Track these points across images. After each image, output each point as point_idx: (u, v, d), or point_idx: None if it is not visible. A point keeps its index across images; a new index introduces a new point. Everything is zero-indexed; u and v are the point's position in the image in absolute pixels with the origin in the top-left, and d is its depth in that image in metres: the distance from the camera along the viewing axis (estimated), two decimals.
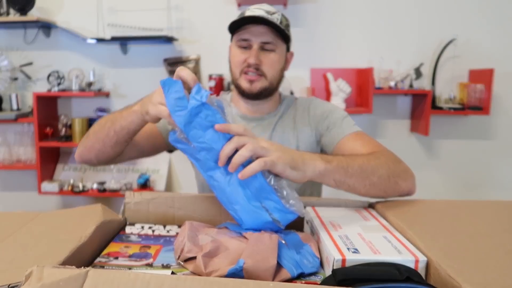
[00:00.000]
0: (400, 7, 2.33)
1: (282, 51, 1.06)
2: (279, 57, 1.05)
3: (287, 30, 1.04)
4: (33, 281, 0.33)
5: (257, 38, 1.01)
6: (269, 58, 1.03)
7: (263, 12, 1.00)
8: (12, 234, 0.61)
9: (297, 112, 1.11)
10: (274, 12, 1.03)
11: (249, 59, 1.01)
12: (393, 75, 2.31)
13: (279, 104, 1.13)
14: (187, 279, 0.35)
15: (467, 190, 2.44)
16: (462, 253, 0.54)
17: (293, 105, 1.13)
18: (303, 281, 0.55)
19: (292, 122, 1.10)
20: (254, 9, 1.02)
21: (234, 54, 1.05)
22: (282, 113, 1.11)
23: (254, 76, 1.02)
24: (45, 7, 2.40)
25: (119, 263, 0.58)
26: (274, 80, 1.05)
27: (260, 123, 1.09)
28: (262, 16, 0.98)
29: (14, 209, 2.53)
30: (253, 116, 1.10)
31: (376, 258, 0.53)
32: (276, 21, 1.00)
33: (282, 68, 1.08)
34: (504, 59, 2.32)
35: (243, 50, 1.03)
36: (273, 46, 1.02)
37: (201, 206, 0.79)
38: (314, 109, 1.10)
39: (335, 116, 1.06)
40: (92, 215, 0.67)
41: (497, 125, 2.40)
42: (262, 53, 1.02)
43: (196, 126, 0.64)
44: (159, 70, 2.43)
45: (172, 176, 2.54)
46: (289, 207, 0.64)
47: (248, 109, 1.10)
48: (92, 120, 2.41)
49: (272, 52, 1.03)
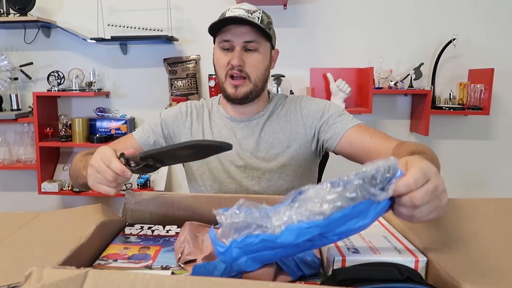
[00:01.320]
0: (400, 7, 2.33)
1: (265, 49, 1.05)
2: (263, 57, 1.04)
3: (268, 28, 1.02)
4: (33, 281, 0.33)
5: (239, 39, 1.00)
6: (253, 58, 1.02)
7: (242, 11, 0.99)
8: (12, 234, 0.61)
9: (288, 111, 1.11)
10: (254, 10, 1.01)
11: (232, 61, 1.00)
12: (393, 75, 2.31)
13: (267, 103, 1.13)
14: (187, 279, 0.35)
15: (467, 190, 2.44)
16: (462, 253, 0.54)
17: (283, 104, 1.13)
18: (303, 281, 0.55)
19: (283, 121, 1.10)
20: (234, 9, 1.01)
21: (218, 57, 1.04)
22: (271, 112, 1.11)
23: (238, 81, 1.02)
24: (45, 7, 2.40)
25: (118, 265, 0.58)
26: (258, 81, 1.04)
27: (248, 124, 1.10)
28: (242, 16, 0.97)
29: (14, 209, 2.53)
30: (241, 118, 1.10)
31: (376, 258, 0.53)
32: (256, 20, 0.99)
33: (266, 67, 1.07)
34: (504, 59, 2.31)
35: (226, 52, 1.02)
36: (256, 45, 1.01)
37: (201, 206, 0.79)
38: (306, 107, 1.10)
39: (332, 111, 1.06)
40: (92, 215, 0.67)
41: (497, 125, 2.40)
42: (245, 53, 1.01)
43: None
44: (159, 70, 2.43)
45: (172, 176, 2.54)
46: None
47: (235, 111, 1.10)
48: (92, 120, 2.41)
49: (255, 51, 1.02)
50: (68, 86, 2.40)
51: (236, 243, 0.49)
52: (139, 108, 2.47)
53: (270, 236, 0.48)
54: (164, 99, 2.44)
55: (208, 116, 1.14)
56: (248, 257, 0.50)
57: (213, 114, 1.14)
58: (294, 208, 0.50)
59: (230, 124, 1.11)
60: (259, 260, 0.51)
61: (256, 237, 0.49)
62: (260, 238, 0.48)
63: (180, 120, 1.13)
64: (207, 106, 1.16)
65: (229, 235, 0.50)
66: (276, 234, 0.48)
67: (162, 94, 2.45)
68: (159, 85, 2.44)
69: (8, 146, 2.44)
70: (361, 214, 0.49)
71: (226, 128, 1.10)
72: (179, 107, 1.15)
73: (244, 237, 0.49)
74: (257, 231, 0.49)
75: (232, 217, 0.50)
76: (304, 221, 0.48)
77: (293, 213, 0.49)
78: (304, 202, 0.49)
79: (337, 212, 0.47)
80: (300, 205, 0.49)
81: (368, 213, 0.49)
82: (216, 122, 1.13)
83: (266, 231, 0.49)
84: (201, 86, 2.44)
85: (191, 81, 2.40)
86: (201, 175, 1.10)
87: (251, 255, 0.50)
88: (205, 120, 1.13)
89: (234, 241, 0.49)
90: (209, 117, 1.14)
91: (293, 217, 0.49)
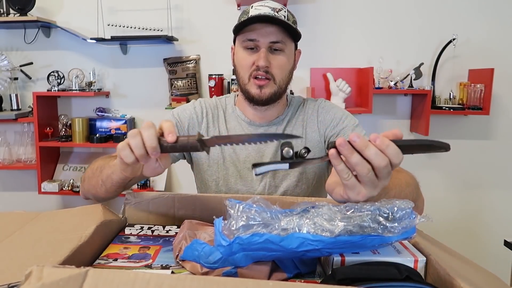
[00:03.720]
0: (400, 7, 2.33)
1: (291, 50, 1.00)
2: (288, 58, 0.99)
3: (294, 26, 0.97)
4: (33, 280, 0.33)
5: (265, 39, 0.94)
6: (279, 60, 0.97)
7: (268, 9, 0.94)
8: (12, 234, 0.61)
9: (305, 115, 1.07)
10: (280, 8, 0.96)
11: (258, 62, 0.94)
12: (393, 75, 2.31)
13: (287, 107, 1.08)
14: (186, 278, 0.35)
15: (467, 190, 2.44)
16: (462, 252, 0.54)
17: (302, 108, 1.09)
18: (302, 280, 0.55)
19: (301, 126, 1.06)
20: (259, 6, 0.96)
21: (241, 57, 0.98)
22: (290, 117, 1.07)
23: (263, 81, 0.96)
24: (45, 7, 2.40)
25: (118, 264, 0.58)
26: (282, 83, 1.00)
27: (268, 130, 1.06)
28: (269, 15, 0.93)
29: (14, 209, 2.53)
30: (260, 123, 1.06)
31: (376, 258, 0.53)
32: (283, 18, 0.94)
33: (291, 69, 1.02)
34: (504, 59, 2.31)
35: (250, 52, 0.97)
36: (282, 46, 0.96)
37: (201, 206, 0.79)
38: (323, 114, 1.06)
39: (346, 124, 1.03)
40: (92, 215, 0.67)
41: (497, 125, 2.40)
42: (270, 54, 0.96)
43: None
44: (159, 70, 2.43)
45: (172, 176, 2.54)
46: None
47: (256, 115, 1.05)
48: (92, 120, 2.41)
49: (281, 52, 0.97)
50: (68, 86, 2.40)
51: (240, 239, 0.49)
52: (139, 108, 2.47)
53: (275, 237, 0.49)
54: (164, 99, 2.44)
55: (223, 117, 1.09)
56: (244, 253, 0.51)
57: (228, 115, 1.09)
58: (304, 218, 0.51)
59: (249, 129, 1.06)
60: (254, 257, 0.52)
61: (261, 236, 0.49)
62: (264, 237, 0.49)
63: (196, 121, 1.07)
64: (221, 106, 1.10)
65: (235, 231, 0.50)
66: (281, 236, 0.49)
67: (162, 94, 2.45)
68: (159, 85, 2.44)
69: (8, 146, 2.44)
70: (366, 246, 0.51)
71: (243, 132, 1.05)
72: (193, 107, 1.09)
73: (249, 235, 0.49)
74: (263, 230, 0.50)
75: (243, 211, 0.51)
76: (311, 233, 0.49)
77: (302, 222, 0.50)
78: (316, 216, 0.51)
79: (345, 235, 0.49)
80: (311, 217, 0.51)
81: (376, 248, 0.52)
82: (232, 124, 1.08)
83: (272, 231, 0.50)
84: (201, 86, 2.44)
85: (191, 81, 2.40)
86: (216, 181, 1.05)
87: (248, 253, 0.51)
88: (221, 122, 1.08)
89: (239, 237, 0.50)
90: (224, 118, 1.08)
91: (302, 226, 0.50)
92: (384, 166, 0.53)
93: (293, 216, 0.52)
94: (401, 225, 0.50)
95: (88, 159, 2.51)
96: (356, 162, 0.53)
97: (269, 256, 0.52)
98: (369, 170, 0.53)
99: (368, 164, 0.53)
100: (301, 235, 0.49)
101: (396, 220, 0.51)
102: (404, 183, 0.77)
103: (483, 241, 2.43)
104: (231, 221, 0.51)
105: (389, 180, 0.57)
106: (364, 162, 0.53)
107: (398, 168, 0.87)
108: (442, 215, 2.37)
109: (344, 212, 0.51)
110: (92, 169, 0.88)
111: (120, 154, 0.64)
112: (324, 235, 0.49)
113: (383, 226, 0.50)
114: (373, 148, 0.53)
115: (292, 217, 0.51)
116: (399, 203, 0.52)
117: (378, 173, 0.54)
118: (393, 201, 0.52)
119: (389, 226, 0.50)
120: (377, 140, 0.53)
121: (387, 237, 0.50)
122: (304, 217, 0.51)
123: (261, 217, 0.51)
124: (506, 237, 1.79)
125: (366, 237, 0.49)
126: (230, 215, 0.52)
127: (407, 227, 0.51)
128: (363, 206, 0.51)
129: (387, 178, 0.55)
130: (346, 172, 0.55)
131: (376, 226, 0.49)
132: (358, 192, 0.55)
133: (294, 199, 0.77)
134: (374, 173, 0.54)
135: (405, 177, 0.80)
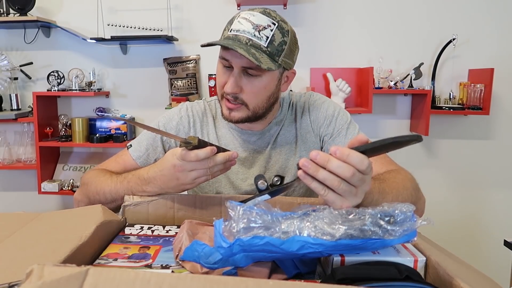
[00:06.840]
0: (400, 7, 2.33)
1: (272, 74, 0.87)
2: (267, 83, 0.87)
3: (277, 52, 0.84)
4: (34, 279, 0.33)
5: (238, 61, 0.83)
6: (252, 86, 0.86)
7: (250, 26, 0.82)
8: (12, 234, 0.61)
9: (296, 115, 1.03)
10: (265, 26, 0.82)
11: (225, 87, 0.86)
12: (393, 75, 2.31)
13: (279, 112, 1.02)
14: (187, 277, 0.35)
15: (466, 190, 2.44)
16: (462, 252, 0.54)
17: (291, 108, 1.04)
18: (302, 280, 0.55)
19: (293, 128, 1.02)
20: (242, 19, 0.84)
21: (218, 72, 0.90)
22: (282, 121, 1.02)
23: (232, 104, 0.88)
24: (45, 7, 2.40)
25: (118, 264, 0.58)
26: (258, 108, 0.90)
27: (261, 137, 1.00)
28: (240, 39, 0.82)
29: (14, 209, 2.53)
30: (253, 131, 1.00)
31: (375, 258, 0.53)
32: (262, 40, 0.81)
33: (271, 94, 0.90)
34: (504, 59, 2.31)
35: (225, 70, 0.87)
36: (257, 72, 0.84)
37: (201, 206, 0.79)
38: (315, 112, 1.01)
39: (339, 122, 0.99)
40: (92, 215, 0.67)
41: (497, 125, 2.40)
42: (244, 78, 0.86)
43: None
44: (159, 70, 2.43)
45: None
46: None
47: (247, 124, 0.97)
48: (92, 120, 2.41)
49: (257, 77, 0.85)
50: (68, 86, 2.40)
51: (241, 241, 0.50)
52: (139, 108, 2.48)
53: (275, 240, 0.49)
54: (164, 99, 2.44)
55: (212, 123, 1.02)
56: (244, 254, 0.51)
57: (218, 121, 1.03)
58: (305, 221, 0.51)
59: (241, 137, 1.00)
60: (254, 258, 0.52)
61: (262, 239, 0.49)
62: (265, 240, 0.49)
63: (183, 132, 1.01)
64: (210, 111, 1.04)
65: (235, 233, 0.51)
66: (282, 239, 0.49)
67: (162, 94, 2.45)
68: (159, 85, 2.44)
69: (8, 146, 2.44)
70: (367, 249, 0.51)
71: (234, 140, 1.00)
72: (179, 117, 1.01)
73: (250, 237, 0.49)
74: (264, 233, 0.50)
75: (244, 213, 0.51)
76: (312, 236, 0.49)
77: (303, 226, 0.51)
78: (317, 219, 0.51)
79: (345, 239, 0.49)
80: (312, 220, 0.51)
81: (378, 250, 0.53)
82: (223, 131, 1.02)
83: (272, 234, 0.50)
84: (201, 86, 2.44)
85: (191, 81, 2.40)
86: (208, 194, 1.01)
87: (249, 254, 0.51)
88: (210, 129, 1.02)
89: (239, 239, 0.50)
90: (214, 124, 1.02)
91: (303, 229, 0.50)
92: (352, 175, 0.54)
93: (294, 219, 0.52)
94: (402, 228, 0.51)
95: (88, 159, 2.51)
96: (324, 178, 0.54)
97: (269, 257, 0.53)
98: (340, 182, 0.54)
99: (336, 176, 0.54)
100: (301, 239, 0.49)
101: (397, 223, 0.51)
102: (402, 186, 0.77)
103: (483, 241, 2.43)
104: (232, 223, 0.51)
105: (369, 184, 0.58)
106: (331, 176, 0.54)
107: (397, 169, 0.88)
108: (442, 215, 2.37)
109: (345, 216, 0.51)
110: (98, 192, 0.87)
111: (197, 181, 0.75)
112: (324, 239, 0.49)
113: (384, 229, 0.50)
114: (335, 161, 0.54)
115: (293, 220, 0.52)
116: (400, 206, 0.52)
117: (350, 182, 0.55)
118: (395, 205, 0.52)
119: (390, 229, 0.50)
120: (337, 152, 0.54)
121: (388, 240, 0.50)
122: (305, 220, 0.51)
123: (262, 220, 0.51)
124: (506, 237, 1.79)
125: (367, 241, 0.50)
126: (231, 216, 0.52)
127: (408, 230, 0.51)
128: (365, 210, 0.51)
129: (363, 183, 0.56)
130: (322, 188, 0.56)
131: (376, 230, 0.50)
132: (340, 204, 0.56)
133: (294, 199, 0.77)
134: (348, 183, 0.54)
135: (403, 180, 0.80)
